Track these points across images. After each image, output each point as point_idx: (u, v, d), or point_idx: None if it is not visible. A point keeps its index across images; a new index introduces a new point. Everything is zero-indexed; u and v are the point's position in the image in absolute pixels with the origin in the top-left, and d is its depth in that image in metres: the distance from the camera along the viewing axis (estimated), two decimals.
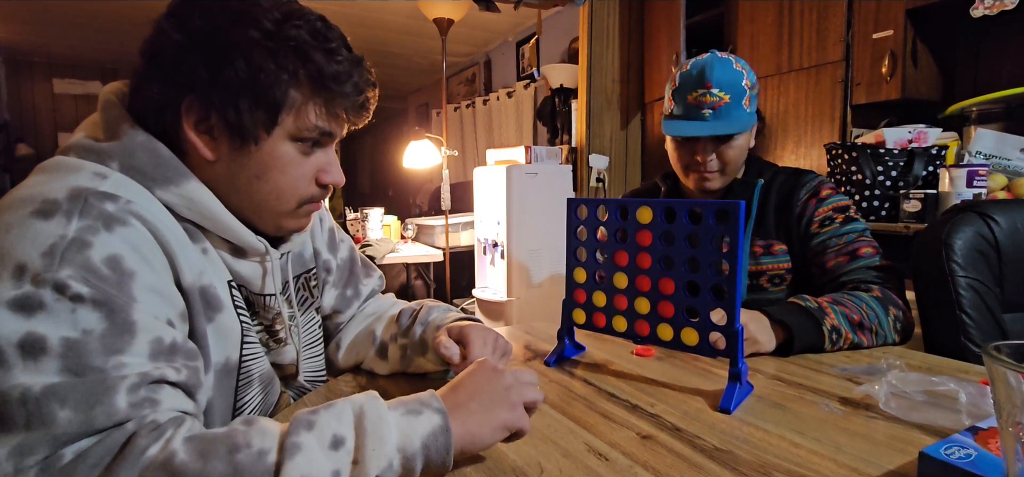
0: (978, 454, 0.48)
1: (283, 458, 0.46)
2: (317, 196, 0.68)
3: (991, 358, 0.38)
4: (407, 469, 0.50)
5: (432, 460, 0.51)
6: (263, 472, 0.46)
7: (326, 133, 0.64)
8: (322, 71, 0.60)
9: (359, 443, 0.49)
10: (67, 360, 0.46)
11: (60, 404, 0.44)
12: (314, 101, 0.62)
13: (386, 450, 0.49)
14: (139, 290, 0.51)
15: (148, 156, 0.58)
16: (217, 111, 0.59)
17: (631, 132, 3.23)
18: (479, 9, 3.00)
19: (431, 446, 0.51)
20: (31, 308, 0.46)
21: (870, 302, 0.95)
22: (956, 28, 1.96)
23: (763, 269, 1.12)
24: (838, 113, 2.13)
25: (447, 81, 3.74)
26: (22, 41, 5.11)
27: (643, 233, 0.78)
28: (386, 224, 3.20)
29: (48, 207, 0.50)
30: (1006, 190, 1.65)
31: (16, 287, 0.46)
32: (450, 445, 0.52)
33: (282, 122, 0.61)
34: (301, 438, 0.48)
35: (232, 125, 0.59)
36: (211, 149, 0.61)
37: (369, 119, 0.69)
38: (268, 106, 0.59)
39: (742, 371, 0.71)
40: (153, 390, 0.49)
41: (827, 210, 1.09)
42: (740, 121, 1.09)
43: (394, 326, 0.86)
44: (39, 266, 0.47)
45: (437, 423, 0.52)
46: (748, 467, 0.55)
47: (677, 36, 2.79)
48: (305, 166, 0.65)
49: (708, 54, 1.10)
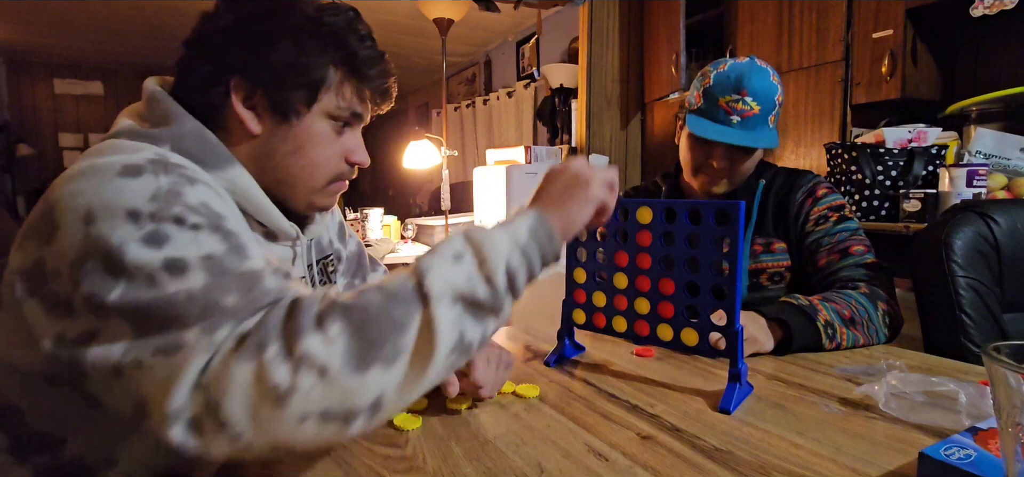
0: (978, 455, 0.48)
1: (421, 275, 0.53)
2: (345, 174, 0.73)
3: (991, 359, 0.38)
4: (526, 259, 0.58)
5: (543, 248, 0.59)
6: (410, 289, 0.52)
7: (356, 114, 0.70)
8: (356, 55, 0.67)
9: (477, 251, 0.56)
10: (209, 269, 0.51)
11: (222, 293, 0.50)
12: (348, 82, 0.68)
13: (501, 249, 0.56)
14: (232, 225, 0.56)
15: (197, 141, 0.62)
16: (263, 88, 0.64)
17: (631, 132, 3.23)
18: (479, 9, 3.00)
19: (536, 232, 0.59)
20: (160, 240, 0.50)
21: (859, 298, 0.96)
22: (956, 28, 1.96)
23: (763, 267, 1.13)
24: (838, 113, 2.13)
25: (447, 81, 3.74)
26: (22, 41, 5.11)
27: (643, 233, 0.78)
28: (386, 224, 3.20)
29: (132, 169, 0.53)
30: (1006, 190, 1.65)
31: (139, 228, 0.50)
32: (552, 229, 0.60)
33: (321, 99, 0.67)
34: (427, 263, 0.54)
35: (276, 101, 0.65)
36: (256, 124, 0.66)
37: (391, 105, 0.76)
38: (310, 84, 0.65)
39: (742, 371, 0.71)
40: (285, 278, 0.55)
41: (822, 209, 1.10)
42: (765, 137, 1.08)
43: None
44: (152, 208, 0.51)
45: (533, 217, 0.61)
46: (748, 467, 0.55)
47: (677, 36, 2.79)
48: (337, 145, 0.70)
49: (747, 60, 1.07)
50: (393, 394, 0.50)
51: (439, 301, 0.51)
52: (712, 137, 1.07)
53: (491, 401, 0.73)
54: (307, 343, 0.47)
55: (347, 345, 0.48)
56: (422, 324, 0.51)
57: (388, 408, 0.50)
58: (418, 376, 0.51)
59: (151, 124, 0.63)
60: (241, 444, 0.47)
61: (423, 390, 0.52)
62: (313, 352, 0.47)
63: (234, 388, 0.46)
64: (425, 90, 6.66)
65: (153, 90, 0.65)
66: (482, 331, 0.54)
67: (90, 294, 0.49)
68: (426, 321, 0.51)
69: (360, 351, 0.48)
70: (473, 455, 0.58)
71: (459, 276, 0.53)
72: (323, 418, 0.47)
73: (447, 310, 0.52)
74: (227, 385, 0.46)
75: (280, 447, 0.48)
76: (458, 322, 0.52)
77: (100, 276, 0.49)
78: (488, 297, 0.54)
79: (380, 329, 0.50)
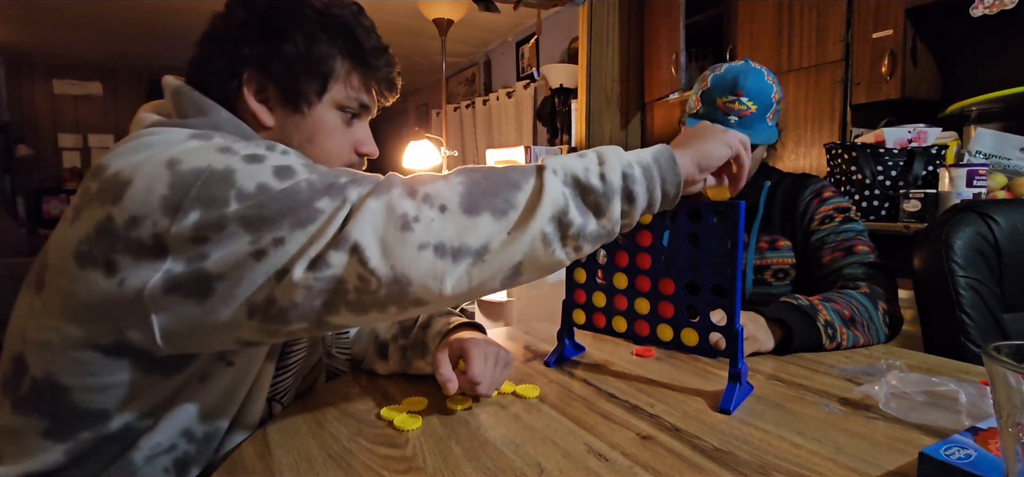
0: (978, 454, 0.48)
1: (542, 165, 0.58)
2: (356, 165, 0.74)
3: (991, 358, 0.38)
4: (647, 176, 0.61)
5: (664, 173, 0.62)
6: (529, 172, 0.58)
7: (364, 105, 0.73)
8: (363, 46, 0.70)
9: (599, 155, 0.60)
10: (313, 170, 0.56)
11: (336, 176, 0.56)
12: (355, 73, 0.71)
13: (623, 157, 0.60)
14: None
15: (235, 128, 0.65)
16: (275, 80, 0.67)
17: (631, 132, 3.23)
18: (479, 9, 3.00)
19: (660, 158, 0.62)
20: (261, 158, 0.55)
21: (859, 298, 0.96)
22: (956, 28, 1.96)
23: (768, 263, 1.15)
24: (838, 113, 2.13)
25: (447, 81, 3.74)
26: (22, 41, 5.11)
27: (643, 233, 0.78)
28: None
29: (199, 135, 0.59)
30: (1006, 190, 1.65)
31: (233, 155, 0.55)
32: (676, 162, 0.63)
33: (330, 89, 0.69)
34: (552, 160, 0.59)
35: (288, 92, 0.67)
36: (268, 116, 0.68)
37: (397, 97, 0.77)
38: (320, 75, 0.68)
39: (742, 371, 0.71)
40: None
41: (828, 209, 1.13)
42: (762, 134, 1.11)
43: (395, 325, 0.87)
44: (238, 145, 0.56)
45: (662, 148, 0.64)
46: (748, 467, 0.55)
47: (677, 36, 2.79)
48: (347, 135, 0.73)
49: (742, 62, 1.12)
50: (498, 246, 0.54)
51: (554, 174, 0.57)
52: None
53: (491, 401, 0.73)
54: (430, 187, 0.54)
55: (466, 190, 0.55)
56: (534, 187, 0.56)
57: (492, 258, 0.54)
58: (520, 233, 0.55)
59: (180, 117, 0.64)
60: (367, 268, 0.51)
61: (523, 251, 0.55)
62: (435, 192, 0.54)
63: (366, 216, 0.52)
64: (425, 90, 6.66)
65: (179, 86, 0.66)
66: (584, 222, 0.58)
67: (198, 221, 0.52)
68: (538, 186, 0.56)
69: (475, 197, 0.55)
70: (473, 455, 0.58)
71: (577, 165, 0.59)
72: (438, 251, 0.52)
73: (558, 183, 0.57)
74: (361, 216, 0.52)
75: (399, 277, 0.52)
76: (565, 195, 0.57)
77: (207, 200, 0.52)
78: (600, 188, 0.58)
79: (496, 184, 0.56)
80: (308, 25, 0.67)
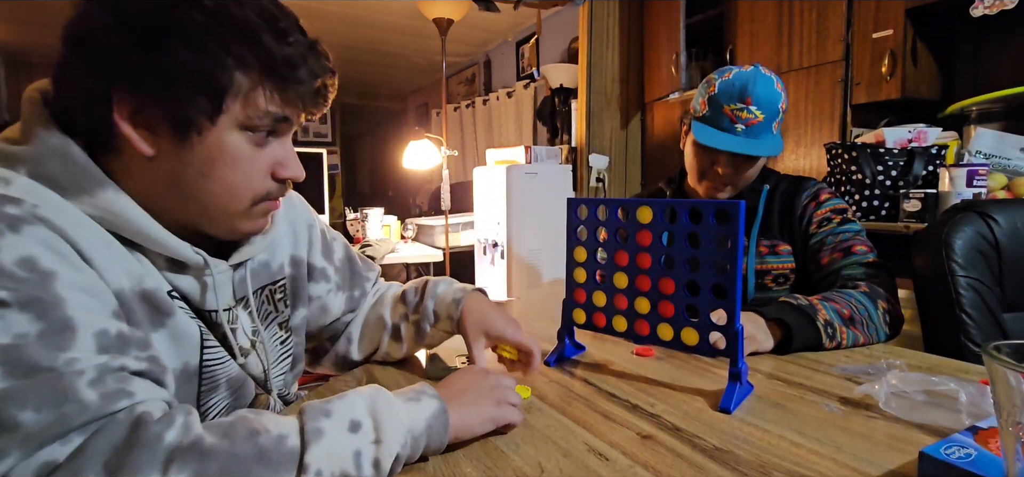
0: (978, 454, 0.48)
1: (307, 441, 0.48)
2: (274, 192, 0.62)
3: (991, 358, 0.38)
4: (414, 449, 0.55)
5: (432, 440, 0.56)
6: (287, 454, 0.47)
7: (281, 119, 0.58)
8: (272, 54, 0.55)
9: (377, 425, 0.52)
10: (9, 366, 0.42)
11: (18, 407, 0.41)
12: (264, 86, 0.56)
13: (400, 430, 0.53)
14: (64, 288, 0.47)
15: (60, 162, 0.52)
16: (153, 100, 0.53)
17: (631, 132, 3.23)
18: (479, 9, 3.00)
19: (433, 426, 0.56)
20: None
21: (858, 297, 0.96)
22: (956, 28, 1.96)
23: (768, 268, 1.15)
24: (838, 113, 2.13)
25: (447, 81, 3.74)
26: (22, 41, 5.11)
27: (643, 233, 0.78)
28: (386, 224, 3.20)
29: None
30: (1006, 190, 1.65)
31: None
32: (448, 425, 0.57)
33: (228, 109, 0.55)
34: (321, 424, 0.50)
35: (171, 115, 0.53)
36: (150, 143, 0.54)
37: (327, 109, 0.64)
38: (211, 92, 0.53)
39: (742, 371, 0.71)
40: (121, 380, 0.46)
41: (826, 211, 1.13)
42: (768, 144, 1.11)
43: (401, 306, 0.88)
44: None
45: (436, 406, 0.57)
46: (748, 467, 0.55)
47: (677, 36, 2.79)
48: (259, 159, 0.59)
49: (751, 68, 1.10)
50: None
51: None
52: (717, 146, 1.10)
53: None
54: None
55: None
56: None
57: None
58: None
59: (20, 139, 0.53)
60: None
61: None
62: None
63: None
64: (425, 90, 6.66)
65: (28, 96, 0.56)
66: None
67: None
68: None
69: None
70: (473, 455, 0.58)
71: (348, 451, 0.49)
72: None
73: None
74: None
75: None
76: None
77: None
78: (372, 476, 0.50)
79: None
80: (192, 30, 0.52)
